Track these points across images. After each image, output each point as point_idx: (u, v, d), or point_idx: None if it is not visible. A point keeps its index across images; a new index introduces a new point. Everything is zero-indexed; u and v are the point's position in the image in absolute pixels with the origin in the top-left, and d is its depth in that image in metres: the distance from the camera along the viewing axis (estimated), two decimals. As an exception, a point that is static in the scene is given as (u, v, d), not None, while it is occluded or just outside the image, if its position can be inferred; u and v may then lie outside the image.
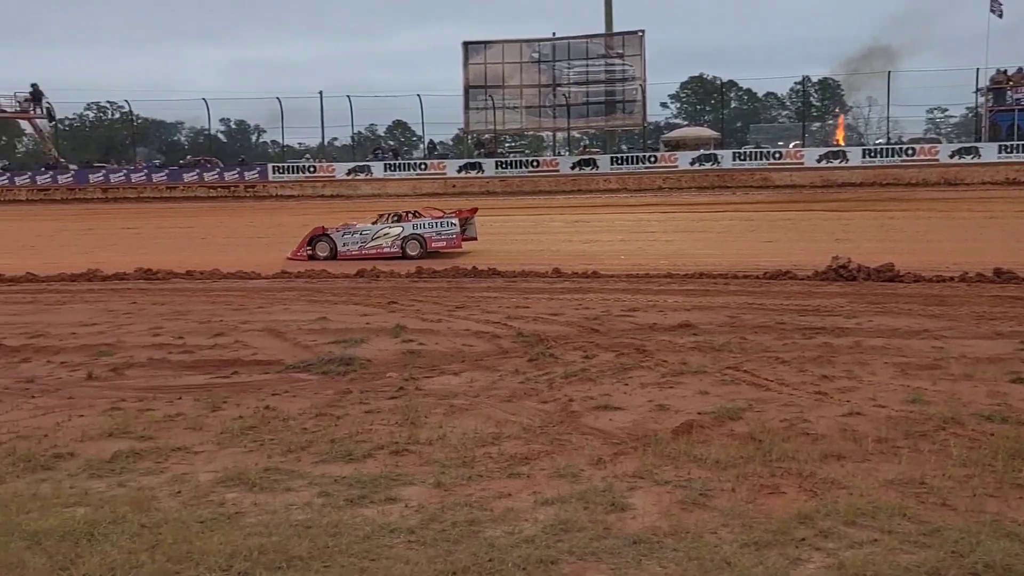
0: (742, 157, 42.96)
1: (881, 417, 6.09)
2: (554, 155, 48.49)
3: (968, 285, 12.83)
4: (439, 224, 19.62)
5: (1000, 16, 42.93)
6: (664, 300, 12.27)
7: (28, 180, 44.73)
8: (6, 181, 44.75)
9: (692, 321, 10.26)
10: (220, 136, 69.86)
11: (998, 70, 43.52)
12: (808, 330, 9.54)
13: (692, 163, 42.24)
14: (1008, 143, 40.48)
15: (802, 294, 12.46)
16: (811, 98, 64.63)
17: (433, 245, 19.27)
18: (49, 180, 44.37)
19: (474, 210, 21.17)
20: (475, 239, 20.35)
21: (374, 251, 18.99)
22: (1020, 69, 42.83)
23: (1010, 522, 4.19)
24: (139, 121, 56.09)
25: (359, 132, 60.98)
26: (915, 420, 5.97)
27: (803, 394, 6.84)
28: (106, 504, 4.61)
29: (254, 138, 75.07)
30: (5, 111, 49.13)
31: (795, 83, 64.60)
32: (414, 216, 19.90)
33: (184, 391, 7.53)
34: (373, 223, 19.77)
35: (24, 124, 55.25)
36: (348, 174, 44.85)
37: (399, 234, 19.25)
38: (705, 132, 54.76)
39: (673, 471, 5.04)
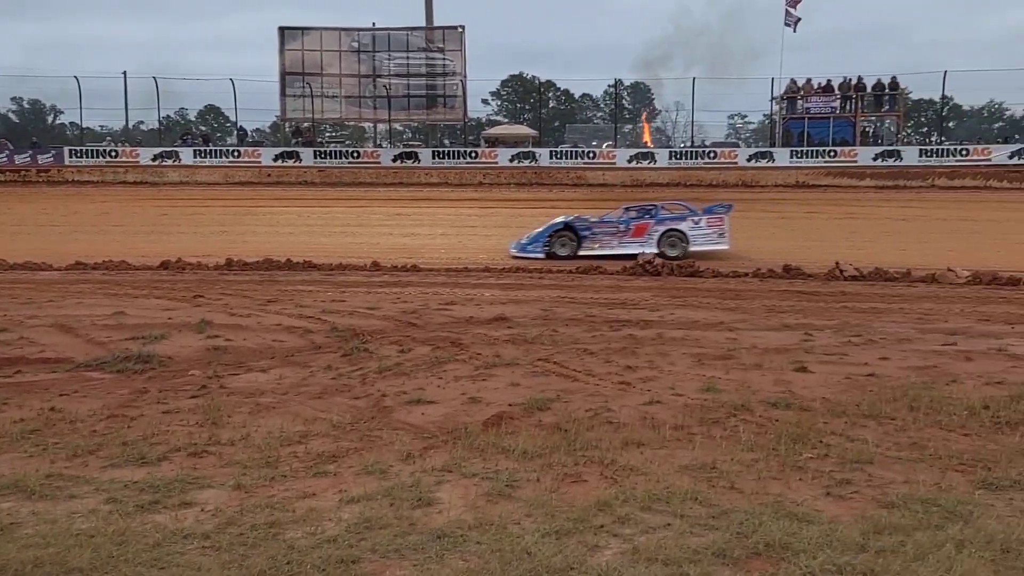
0: (559, 156, 44.12)
1: (679, 405, 6.39)
2: (375, 147, 47.93)
3: (761, 280, 13.75)
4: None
5: (795, 30, 46.25)
6: (481, 294, 12.39)
7: None
8: None
9: (507, 314, 10.41)
10: (11, 116, 64.47)
11: (792, 80, 46.87)
12: (615, 322, 9.90)
13: (511, 160, 42.95)
14: (799, 148, 43.73)
15: (611, 288, 12.94)
16: (623, 100, 67.23)
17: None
18: None
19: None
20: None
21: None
22: (808, 80, 46.28)
23: (790, 503, 4.49)
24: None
25: (168, 116, 57.98)
26: (709, 408, 6.30)
27: (608, 384, 7.07)
28: None
29: (50, 119, 69.78)
30: None
31: (609, 85, 67.05)
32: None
33: (-44, 393, 6.85)
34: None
35: None
36: (154, 160, 42.49)
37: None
38: (524, 130, 55.87)
39: (481, 463, 5.07)
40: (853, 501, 4.54)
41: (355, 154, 44.31)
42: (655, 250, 16.54)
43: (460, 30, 46.72)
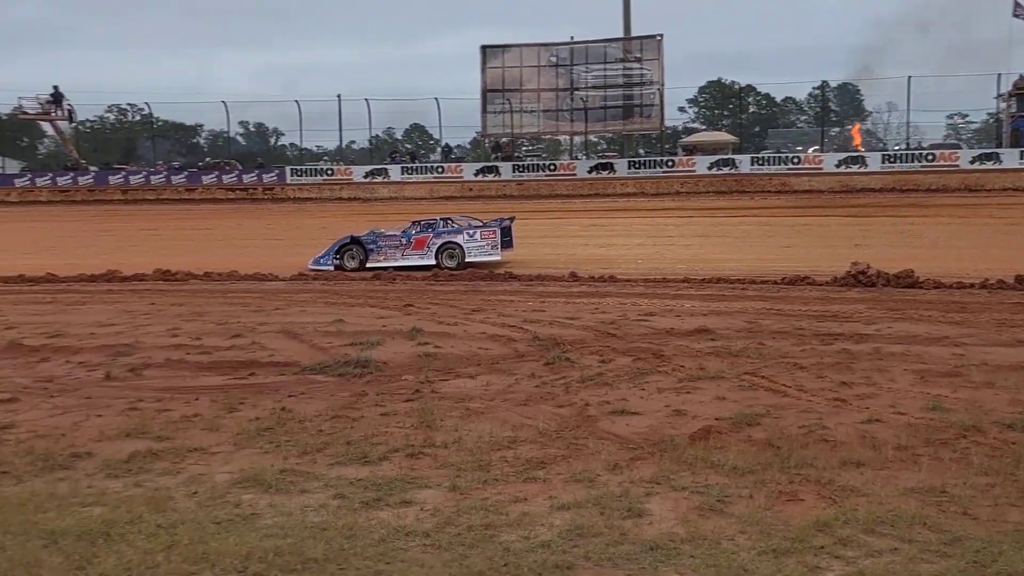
0: (760, 162, 42.71)
1: (901, 424, 6.03)
2: (571, 159, 48.42)
3: (989, 292, 12.72)
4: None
5: None
6: (681, 305, 12.21)
7: (49, 181, 45.01)
8: (27, 182, 45.09)
9: (709, 326, 10.21)
10: (239, 139, 70.25)
11: (1021, 75, 43.10)
12: (827, 336, 9.47)
13: (710, 167, 42.03)
14: (1030, 149, 40.06)
15: (820, 300, 12.38)
16: (830, 103, 64.22)
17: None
18: (70, 181, 44.62)
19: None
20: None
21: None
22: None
23: (1033, 532, 4.12)
24: (159, 123, 56.48)
25: (377, 135, 61.22)
26: (935, 428, 5.90)
27: (822, 401, 6.78)
28: (123, 504, 4.62)
29: (272, 141, 75.45)
30: (27, 113, 49.47)
31: (814, 88, 64.18)
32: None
33: (201, 392, 7.55)
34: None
35: (45, 126, 55.62)
36: (366, 177, 44.92)
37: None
38: (723, 137, 54.55)
39: (690, 477, 5.00)
40: (1109, 535, 4.11)
41: (551, 167, 44.94)
42: (433, 261, 17.85)
43: (658, 39, 46.37)
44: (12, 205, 40.24)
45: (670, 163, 43.45)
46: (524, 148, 54.11)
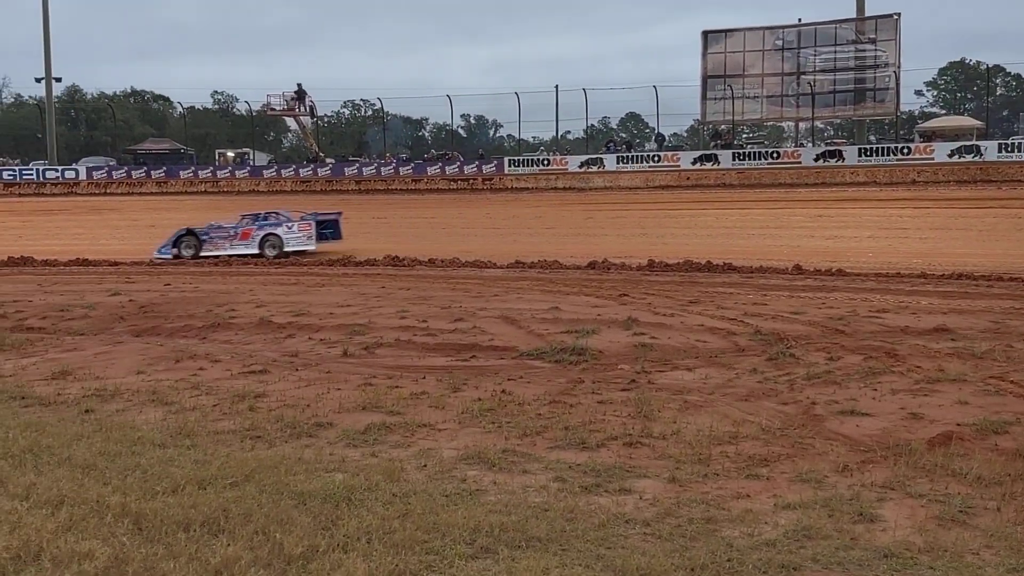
0: (1009, 149, 38.99)
1: None
2: (795, 146, 46.43)
3: None
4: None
5: None
6: (917, 302, 11.45)
7: (292, 172, 48.80)
8: (273, 173, 49.09)
9: (949, 325, 9.50)
10: (460, 131, 72.94)
11: None
12: (1089, 341, 8.55)
13: (950, 155, 38.92)
14: None
15: (1080, 300, 11.19)
16: (1097, 81, 57.60)
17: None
18: (310, 172, 48.17)
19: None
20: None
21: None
22: None
23: None
24: (389, 118, 59.73)
25: (592, 125, 61.54)
26: None
27: (1083, 411, 6.13)
28: (361, 472, 4.95)
29: (492, 132, 77.73)
30: (275, 109, 53.90)
31: (1076, 65, 57.79)
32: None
33: (428, 371, 7.94)
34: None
35: (289, 121, 60.38)
36: (581, 167, 45.30)
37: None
38: (966, 121, 50.33)
39: (928, 484, 4.68)
40: None
41: (774, 155, 43.29)
42: (257, 250, 20.05)
43: (895, 18, 43.53)
44: (261, 194, 43.93)
45: (906, 150, 40.67)
46: (744, 135, 52.56)
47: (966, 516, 4.22)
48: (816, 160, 41.36)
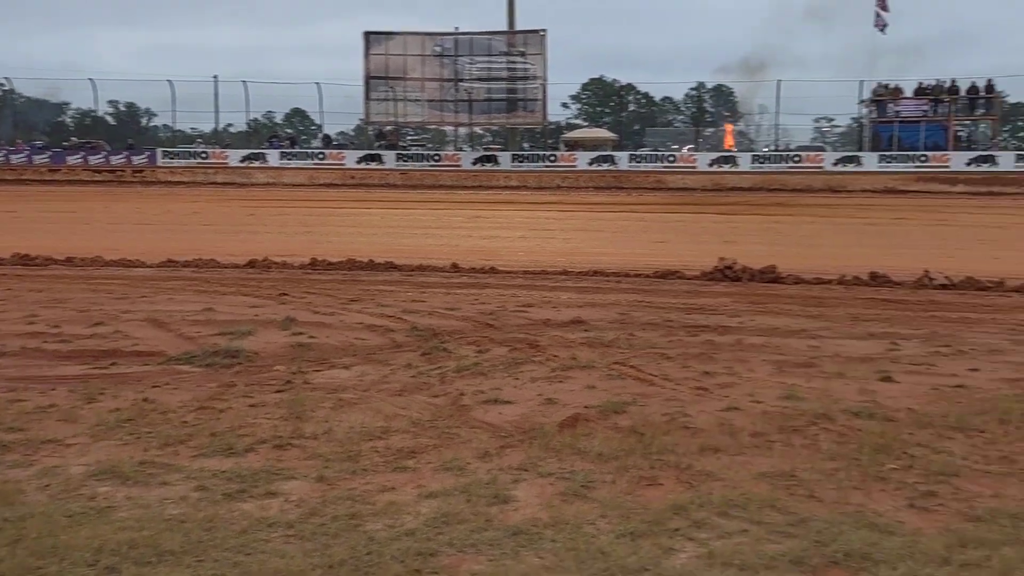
0: (638, 159, 43.86)
1: (757, 412, 6.31)
2: (456, 150, 48.43)
3: (845, 287, 13.42)
4: None
5: (883, 31, 45.05)
6: (558, 296, 12.41)
7: None
8: None
9: (584, 317, 10.41)
10: (108, 119, 67.15)
11: (879, 83, 45.64)
12: (693, 328, 9.81)
13: (590, 163, 42.91)
14: (888, 153, 42.56)
15: (689, 293, 12.80)
16: (705, 104, 66.41)
17: None
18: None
19: None
20: None
21: None
22: (896, 86, 45.02)
23: (871, 513, 4.40)
24: (21, 100, 53.38)
25: (256, 119, 59.66)
26: (789, 415, 6.20)
27: (685, 389, 7.03)
28: (-34, 499, 4.37)
29: (144, 122, 72.44)
30: None
31: (690, 89, 66.33)
32: None
33: (58, 382, 7.20)
34: None
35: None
36: (242, 161, 43.76)
37: None
38: (603, 133, 55.75)
39: (557, 463, 5.11)
40: (937, 514, 4.43)
41: (436, 157, 44.89)
42: None
43: (542, 34, 46.92)
44: None
45: (552, 158, 44.11)
46: (409, 138, 53.78)
47: (587, 490, 4.67)
48: (474, 164, 43.55)
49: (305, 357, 8.27)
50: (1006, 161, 41.16)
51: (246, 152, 44.91)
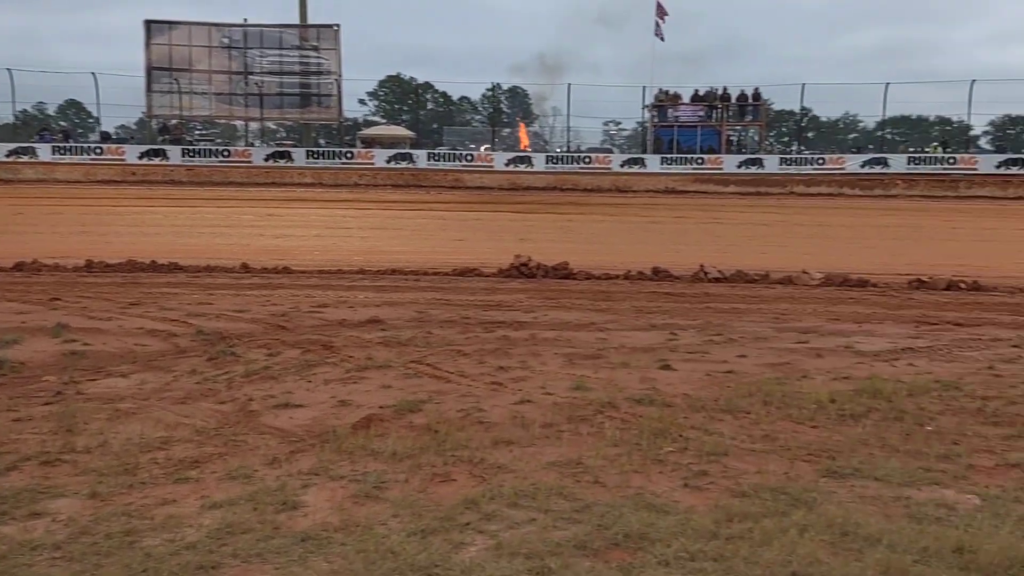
0: (436, 158, 44.10)
1: (549, 404, 6.52)
2: (247, 145, 46.71)
3: (631, 282, 14.14)
4: None
5: (662, 40, 47.77)
6: (355, 296, 12.27)
7: None
8: None
9: (381, 316, 10.35)
10: None
11: (661, 89, 48.36)
12: (490, 324, 10.00)
13: (388, 161, 42.67)
14: (669, 156, 45.16)
15: (487, 290, 13.04)
16: (501, 104, 67.82)
17: None
18: None
19: None
20: None
21: None
22: (675, 92, 47.89)
23: (649, 495, 4.66)
24: None
25: (25, 111, 54.82)
26: (577, 405, 6.45)
27: (480, 385, 7.15)
28: None
29: None
30: None
31: (487, 89, 67.51)
32: None
33: None
34: None
35: None
36: (8, 156, 40.13)
37: None
38: (401, 131, 55.62)
39: (349, 466, 5.05)
40: (708, 491, 4.76)
41: (225, 153, 43.06)
42: None
43: (335, 28, 46.14)
44: None
45: (349, 155, 43.48)
46: (197, 132, 51.33)
47: (379, 491, 4.64)
48: (266, 160, 42.18)
49: (78, 366, 7.71)
50: (771, 164, 44.78)
51: (13, 146, 41.18)
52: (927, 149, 49.28)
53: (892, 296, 12.88)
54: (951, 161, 44.11)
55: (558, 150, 49.27)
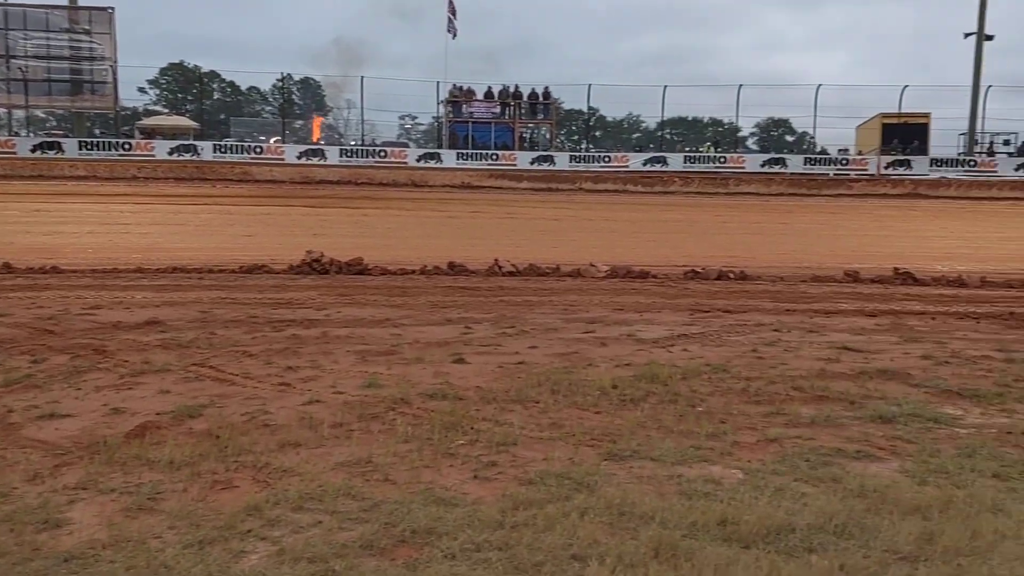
0: (223, 150, 42.29)
1: (339, 403, 6.41)
2: (11, 135, 42.79)
3: (427, 277, 14.18)
4: None
5: (454, 37, 48.27)
6: (132, 296, 11.55)
7: None
8: None
9: (161, 318, 9.80)
10: None
11: (455, 85, 48.83)
12: (279, 323, 9.70)
13: (171, 153, 40.49)
14: (464, 151, 45.71)
15: (276, 287, 12.66)
16: (293, 96, 66.04)
17: None
18: None
19: None
20: None
21: None
22: (469, 89, 48.55)
23: (439, 489, 4.68)
24: None
25: None
26: (369, 403, 6.38)
27: (267, 386, 6.92)
28: None
29: None
30: None
31: (277, 80, 65.47)
32: None
33: None
34: None
35: None
36: None
37: None
38: (185, 122, 52.89)
39: (122, 477, 4.73)
40: (497, 482, 4.84)
41: (-16, 143, 39.26)
42: None
43: (109, 11, 43.15)
44: None
45: (127, 146, 40.90)
46: (-52, 119, 46.48)
47: (154, 502, 4.38)
48: (33, 151, 38.90)
49: None
50: (562, 161, 46.38)
51: None
52: (701, 149, 52.84)
53: (670, 286, 13.68)
54: (722, 160, 47.50)
55: (353, 143, 48.60)
